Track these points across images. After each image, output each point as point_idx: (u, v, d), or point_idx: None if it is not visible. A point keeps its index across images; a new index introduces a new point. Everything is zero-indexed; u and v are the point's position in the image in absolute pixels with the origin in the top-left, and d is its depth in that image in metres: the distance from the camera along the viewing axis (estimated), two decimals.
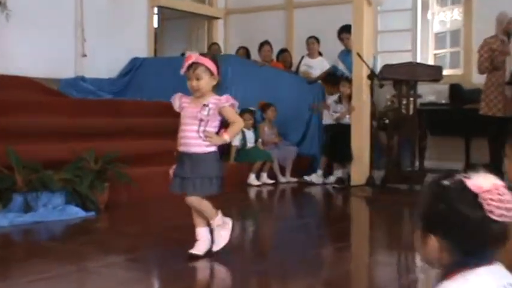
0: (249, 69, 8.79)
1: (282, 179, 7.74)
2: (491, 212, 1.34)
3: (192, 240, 3.69)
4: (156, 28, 10.44)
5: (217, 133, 3.58)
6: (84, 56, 8.49)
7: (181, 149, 3.56)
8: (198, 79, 3.47)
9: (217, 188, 3.54)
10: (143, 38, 9.50)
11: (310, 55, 9.19)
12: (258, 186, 7.30)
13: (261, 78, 8.65)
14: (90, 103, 7.54)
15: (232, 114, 3.59)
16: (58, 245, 4.07)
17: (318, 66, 9.03)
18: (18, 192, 4.79)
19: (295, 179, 7.77)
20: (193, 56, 3.48)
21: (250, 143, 7.64)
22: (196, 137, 3.52)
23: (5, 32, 7.44)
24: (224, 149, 3.69)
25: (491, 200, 1.34)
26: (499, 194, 1.35)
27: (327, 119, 7.90)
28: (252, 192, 6.99)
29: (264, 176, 7.54)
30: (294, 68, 9.50)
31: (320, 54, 9.22)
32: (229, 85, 8.22)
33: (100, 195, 5.21)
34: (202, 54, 3.55)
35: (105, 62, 8.80)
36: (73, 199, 5.04)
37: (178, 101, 3.62)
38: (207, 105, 3.50)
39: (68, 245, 4.03)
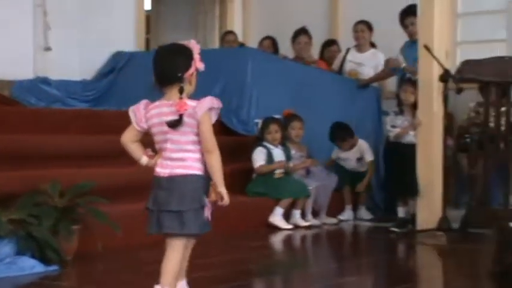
0: (276, 66, 8.74)
1: (314, 221, 7.67)
2: None
3: None
4: (148, 11, 10.49)
5: None
6: (48, 49, 8.52)
7: None
8: None
9: None
10: (130, 25, 9.52)
11: (359, 47, 9.21)
12: (287, 229, 7.22)
13: (293, 79, 8.64)
14: (55, 115, 7.55)
15: None
16: None
17: (369, 63, 9.08)
18: None
19: (334, 220, 7.92)
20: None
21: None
22: None
23: None
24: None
25: None
26: None
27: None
28: (277, 239, 6.94)
29: (297, 216, 7.47)
30: (335, 66, 9.51)
31: (372, 45, 9.18)
32: (250, 88, 8.21)
33: (66, 243, 5.18)
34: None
35: (77, 58, 8.82)
36: (28, 248, 5.00)
37: None
38: None
39: None
